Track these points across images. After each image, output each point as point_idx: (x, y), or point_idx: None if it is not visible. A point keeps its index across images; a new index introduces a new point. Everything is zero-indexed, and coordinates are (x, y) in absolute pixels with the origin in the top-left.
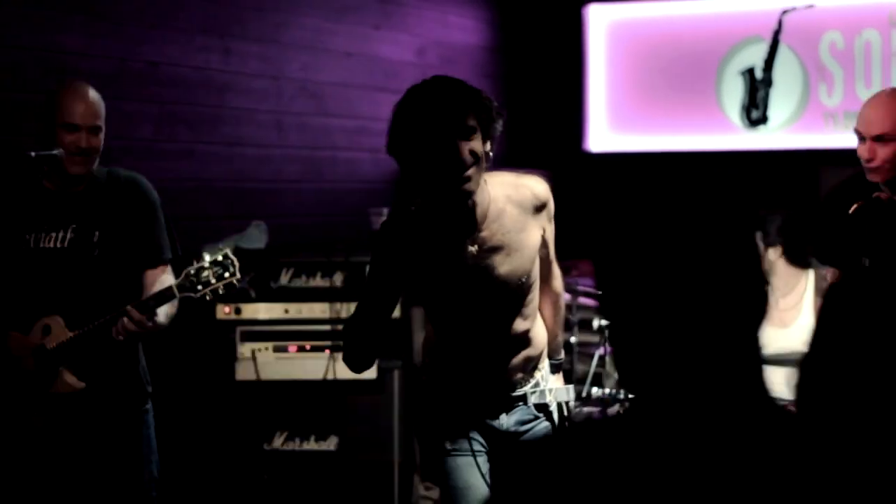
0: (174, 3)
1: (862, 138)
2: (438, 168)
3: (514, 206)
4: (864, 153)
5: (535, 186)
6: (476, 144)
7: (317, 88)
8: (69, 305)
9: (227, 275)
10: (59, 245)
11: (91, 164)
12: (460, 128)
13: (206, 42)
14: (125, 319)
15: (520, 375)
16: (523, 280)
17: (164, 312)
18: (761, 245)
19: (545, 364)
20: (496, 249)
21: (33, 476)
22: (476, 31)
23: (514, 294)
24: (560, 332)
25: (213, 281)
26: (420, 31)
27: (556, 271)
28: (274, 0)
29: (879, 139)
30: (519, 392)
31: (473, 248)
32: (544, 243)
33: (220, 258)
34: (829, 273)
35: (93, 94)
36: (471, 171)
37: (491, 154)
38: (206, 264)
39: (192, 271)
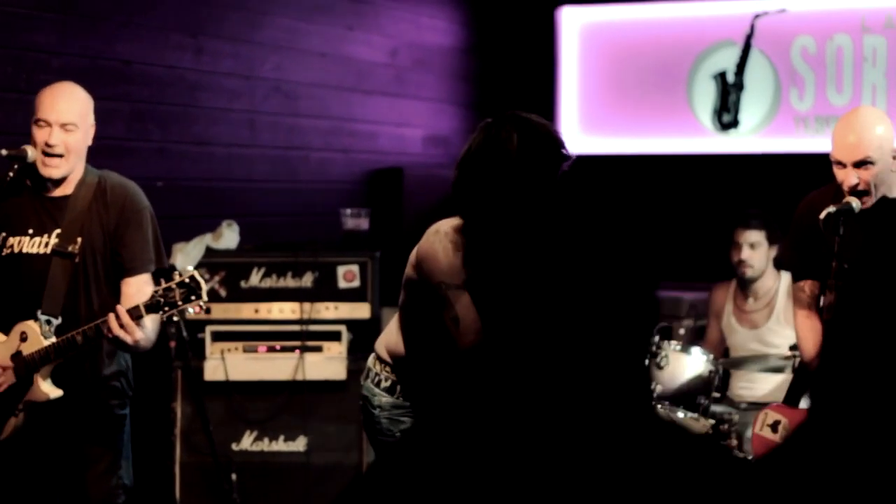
0: (147, 1)
1: (841, 164)
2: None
3: None
4: (849, 179)
5: None
6: None
7: (289, 88)
8: (49, 311)
9: (193, 297)
10: (42, 250)
11: (66, 165)
12: None
13: (179, 40)
14: (112, 320)
15: None
16: None
17: (151, 325)
18: (766, 243)
19: None
20: None
21: (7, 479)
22: (449, 33)
23: None
24: None
25: (180, 303)
26: (393, 32)
27: None
28: None
29: (860, 164)
30: None
31: None
32: None
33: (187, 280)
34: (806, 286)
35: (72, 92)
36: None
37: None
38: (174, 286)
39: (160, 291)
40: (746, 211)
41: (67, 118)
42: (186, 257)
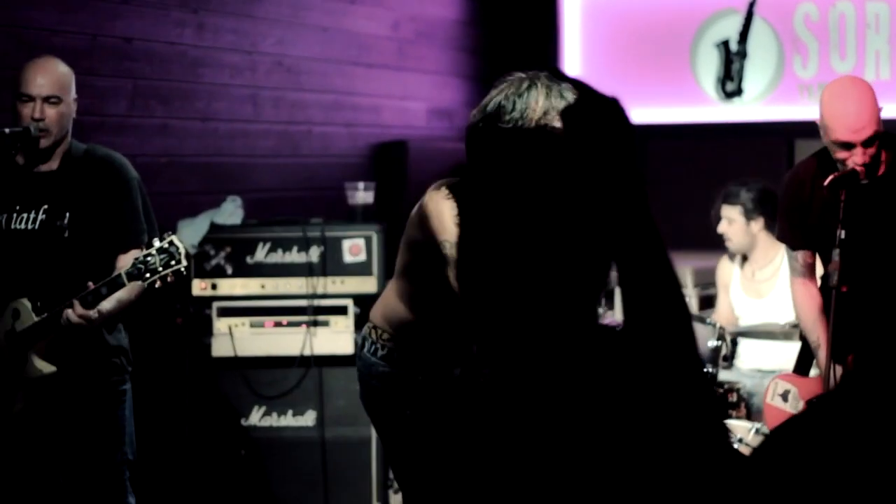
0: None
1: (848, 146)
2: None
3: None
4: (857, 159)
5: None
6: None
7: (291, 63)
8: (40, 288)
9: (173, 262)
10: (30, 226)
11: (49, 140)
12: None
13: (181, 16)
14: (69, 312)
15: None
16: None
17: (115, 298)
18: (742, 218)
19: None
20: None
21: (11, 460)
22: (451, 5)
23: None
24: None
25: (160, 269)
26: (395, 5)
27: None
28: None
29: (869, 142)
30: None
31: None
32: None
33: (166, 245)
34: (799, 255)
35: (54, 66)
36: None
37: None
38: (154, 252)
39: (140, 259)
40: (732, 184)
41: (53, 91)
42: (192, 233)
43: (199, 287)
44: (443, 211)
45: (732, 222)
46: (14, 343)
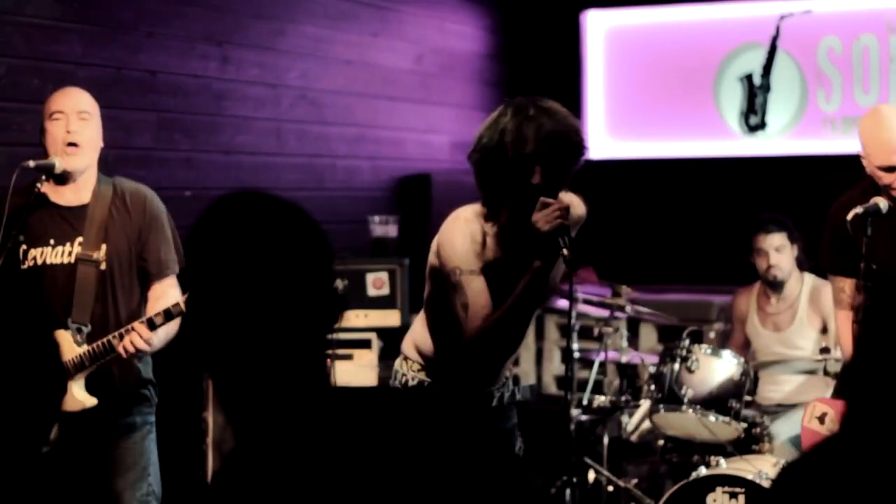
0: (172, 11)
1: (893, 169)
2: (559, 173)
3: None
4: None
5: (580, 207)
6: None
7: (315, 96)
8: (79, 319)
9: None
10: (65, 260)
11: (84, 158)
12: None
13: (205, 50)
14: (134, 335)
15: (503, 378)
16: (551, 294)
17: (164, 331)
18: (789, 243)
19: None
20: None
21: (39, 489)
22: (474, 38)
23: (539, 307)
24: None
25: None
26: (418, 39)
27: None
28: (272, 8)
29: None
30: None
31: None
32: None
33: None
34: (847, 286)
35: (81, 91)
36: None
37: None
38: None
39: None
40: (761, 217)
41: (81, 106)
42: None
43: None
44: (455, 238)
45: (782, 249)
46: (53, 375)
